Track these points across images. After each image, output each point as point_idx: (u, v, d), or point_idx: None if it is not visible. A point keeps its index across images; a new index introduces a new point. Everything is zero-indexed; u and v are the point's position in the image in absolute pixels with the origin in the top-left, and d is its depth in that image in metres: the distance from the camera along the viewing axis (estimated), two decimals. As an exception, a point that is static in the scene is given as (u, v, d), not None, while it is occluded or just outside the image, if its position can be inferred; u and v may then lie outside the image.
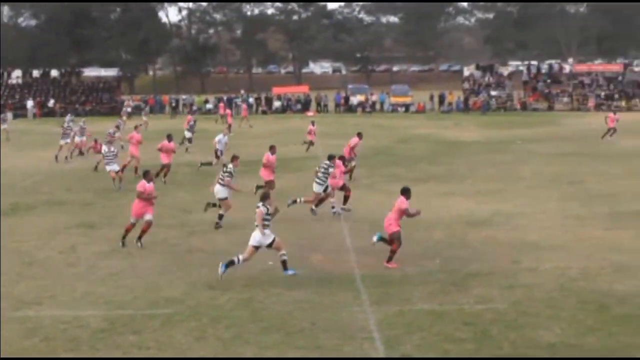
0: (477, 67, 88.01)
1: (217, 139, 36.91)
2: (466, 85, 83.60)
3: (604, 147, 44.85)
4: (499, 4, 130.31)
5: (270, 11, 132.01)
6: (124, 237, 21.09)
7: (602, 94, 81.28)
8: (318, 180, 25.13)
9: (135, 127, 38.89)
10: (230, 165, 23.94)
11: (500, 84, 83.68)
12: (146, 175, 21.59)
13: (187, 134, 45.18)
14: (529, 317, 15.05)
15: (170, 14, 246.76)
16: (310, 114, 75.55)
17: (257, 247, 17.77)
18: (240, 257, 17.72)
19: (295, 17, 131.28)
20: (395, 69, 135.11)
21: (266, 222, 17.75)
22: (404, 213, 18.93)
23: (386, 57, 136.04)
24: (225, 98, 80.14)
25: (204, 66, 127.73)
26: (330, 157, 25.66)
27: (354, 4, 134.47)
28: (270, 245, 17.83)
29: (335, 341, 13.94)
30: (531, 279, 17.62)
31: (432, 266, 18.83)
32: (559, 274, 17.99)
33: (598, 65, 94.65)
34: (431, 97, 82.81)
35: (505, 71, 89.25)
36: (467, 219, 24.41)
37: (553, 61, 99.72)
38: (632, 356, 13.17)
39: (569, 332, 14.24)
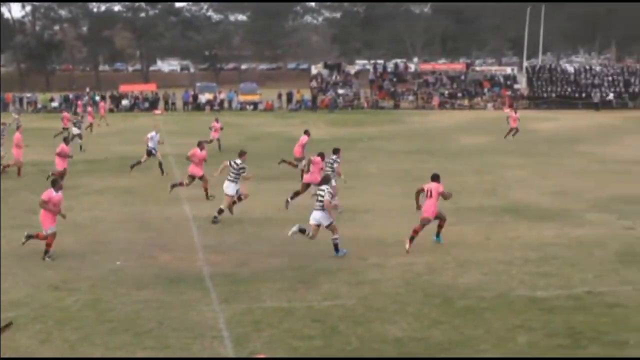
0: (325, 66, 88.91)
1: (149, 135, 35.81)
2: (314, 83, 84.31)
3: (447, 144, 46.15)
4: (346, 3, 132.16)
5: (117, 8, 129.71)
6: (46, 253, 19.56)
7: (446, 92, 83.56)
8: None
9: (17, 128, 37.64)
10: (239, 161, 24.00)
11: (348, 83, 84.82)
12: (55, 183, 19.83)
13: (75, 131, 43.86)
14: (376, 312, 15.33)
15: (14, 10, 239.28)
16: (158, 112, 74.65)
17: (318, 226, 19.77)
18: (310, 234, 19.93)
19: (142, 15, 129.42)
20: (243, 67, 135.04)
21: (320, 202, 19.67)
22: (441, 195, 20.39)
23: (234, 55, 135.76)
24: (71, 96, 78.23)
25: (49, 63, 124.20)
26: (336, 151, 26.58)
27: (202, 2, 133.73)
28: (327, 226, 19.70)
29: (184, 340, 13.84)
30: (378, 275, 17.95)
31: (280, 263, 18.94)
32: (404, 269, 18.40)
33: (442, 65, 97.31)
34: (279, 96, 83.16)
35: (352, 70, 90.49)
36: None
37: (399, 60, 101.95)
38: (475, 347, 13.59)
39: (415, 326, 14.59)
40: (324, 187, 20.05)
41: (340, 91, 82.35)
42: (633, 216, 24.36)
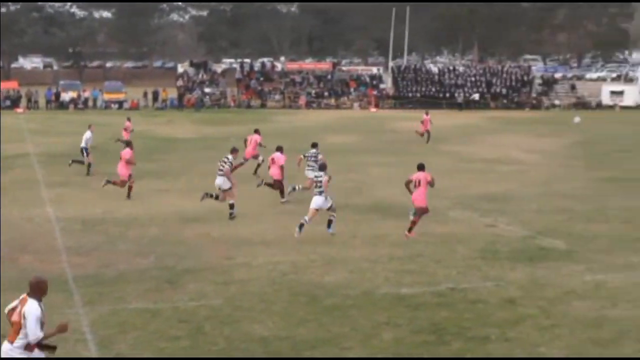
0: (191, 64, 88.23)
1: (84, 135, 34.75)
2: (180, 82, 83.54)
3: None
4: (212, 2, 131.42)
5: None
6: None
7: (313, 92, 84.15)
8: (309, 168, 27.56)
9: None
10: (230, 157, 24.79)
11: (214, 81, 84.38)
12: None
13: None
14: (243, 311, 15.29)
15: None
16: (20, 110, 72.39)
17: (317, 210, 21.63)
18: (306, 218, 21.33)
19: (3, 10, 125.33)
20: (108, 65, 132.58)
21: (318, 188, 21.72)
22: (430, 183, 21.77)
23: (99, 52, 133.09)
24: None
25: None
26: (315, 145, 28.69)
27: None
28: (328, 209, 21.75)
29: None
30: (245, 274, 17.91)
31: (146, 264, 18.68)
32: (271, 268, 18.41)
33: (309, 64, 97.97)
34: (145, 94, 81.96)
35: (219, 68, 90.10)
36: (182, 216, 24.44)
37: (266, 59, 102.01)
38: (341, 345, 13.71)
39: (281, 325, 14.61)
40: (321, 173, 22.07)
41: (207, 90, 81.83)
42: (494, 214, 25.07)
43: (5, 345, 10.31)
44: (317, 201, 21.81)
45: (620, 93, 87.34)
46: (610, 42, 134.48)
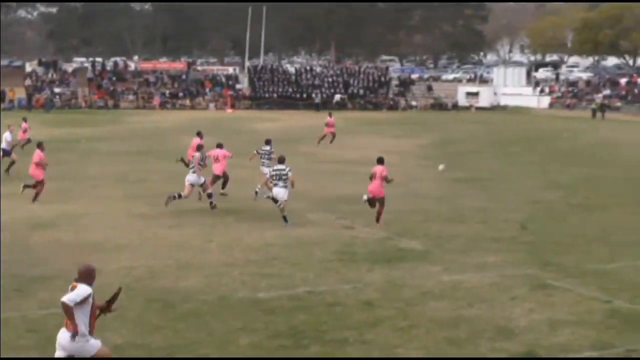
0: (40, 63, 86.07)
1: (3, 136, 34.46)
2: (28, 81, 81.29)
3: (168, 144, 45.96)
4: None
5: None
6: None
7: (167, 92, 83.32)
8: (263, 164, 29.43)
9: None
10: (198, 154, 26.30)
11: (65, 81, 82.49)
12: None
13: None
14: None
15: None
16: None
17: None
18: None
19: None
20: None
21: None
22: (385, 179, 23.59)
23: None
24: None
25: None
26: (268, 142, 30.24)
27: None
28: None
29: None
30: (97, 281, 17.43)
31: (-9, 272, 18.05)
32: (124, 273, 18.11)
33: (163, 63, 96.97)
34: (-10, 94, 79.39)
35: (69, 68, 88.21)
36: (31, 221, 23.76)
37: (118, 58, 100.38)
38: (196, 351, 13.60)
39: (136, 332, 14.40)
40: (283, 166, 23.68)
41: (57, 90, 79.93)
42: (352, 215, 25.37)
43: (65, 333, 11.12)
44: (278, 193, 23.54)
45: (476, 94, 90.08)
46: (465, 43, 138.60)
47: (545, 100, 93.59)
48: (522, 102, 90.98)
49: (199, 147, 27.18)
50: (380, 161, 24.29)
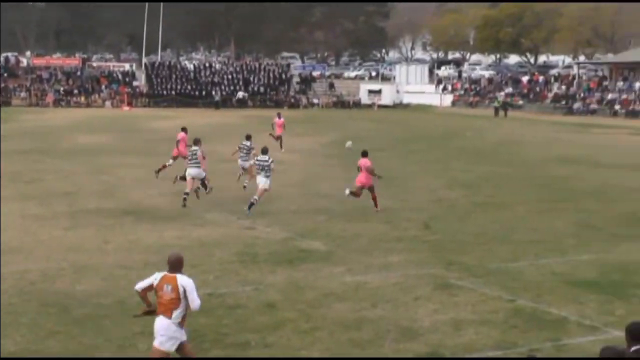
0: None
1: None
2: None
3: (63, 143, 45.26)
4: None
5: None
6: None
7: (61, 89, 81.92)
8: (242, 158, 31.13)
9: None
10: (195, 147, 27.52)
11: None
12: None
13: None
14: (-14, 326, 14.63)
15: None
16: None
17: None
18: (256, 197, 25.65)
19: None
20: None
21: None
22: (371, 170, 26.39)
23: None
24: None
25: None
26: (248, 137, 31.94)
27: None
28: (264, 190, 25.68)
29: None
30: (-13, 285, 17.14)
31: None
32: (18, 277, 17.74)
33: (57, 59, 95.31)
34: None
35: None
36: None
37: (9, 54, 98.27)
38: (94, 356, 13.42)
39: (30, 338, 14.12)
40: (266, 157, 25.79)
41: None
42: (253, 215, 25.35)
43: (164, 320, 11.59)
44: (261, 180, 25.69)
45: (378, 92, 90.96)
46: (367, 40, 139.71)
47: (448, 98, 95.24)
48: (424, 100, 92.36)
49: (197, 142, 28.02)
50: (364, 154, 26.94)
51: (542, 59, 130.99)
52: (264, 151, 26.25)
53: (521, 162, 40.58)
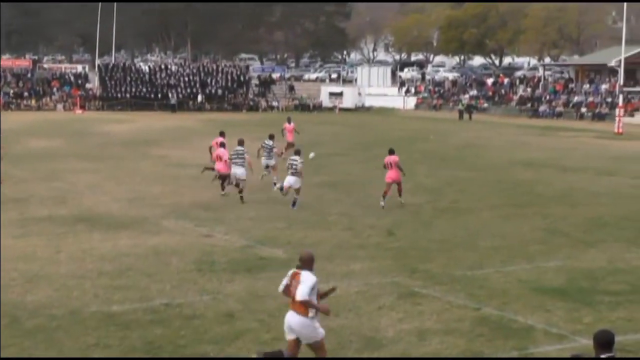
0: None
1: None
2: None
3: (13, 148, 44.80)
4: None
5: None
6: None
7: (11, 91, 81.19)
8: (267, 156, 33.82)
9: None
10: (241, 148, 30.34)
11: None
12: None
13: None
14: None
15: None
16: None
17: (290, 187, 28.45)
18: (280, 185, 29.31)
19: None
20: None
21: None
22: (397, 165, 29.07)
23: None
24: None
25: None
26: (271, 137, 34.41)
27: None
28: (297, 189, 28.53)
29: None
30: None
31: None
32: (-35, 289, 17.55)
33: (6, 61, 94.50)
34: None
35: None
36: None
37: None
38: (93, 356, 13.32)
39: (-23, 352, 13.97)
40: (296, 157, 28.74)
41: None
42: (211, 223, 25.29)
43: (298, 318, 12.37)
44: (289, 180, 28.33)
45: (340, 94, 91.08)
46: (328, 41, 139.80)
47: (412, 101, 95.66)
48: (387, 103, 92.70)
49: (241, 142, 30.69)
50: (392, 152, 29.52)
51: (507, 60, 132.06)
52: (297, 152, 29.63)
53: (486, 166, 40.83)
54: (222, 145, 31.74)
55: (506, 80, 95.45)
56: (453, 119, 76.07)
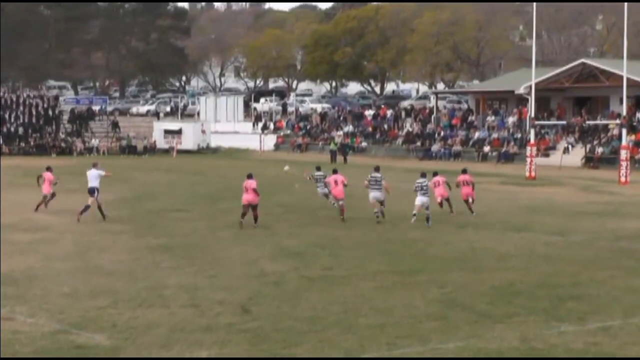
0: None
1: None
2: None
3: None
4: None
5: None
6: None
7: None
8: (320, 186, 46.15)
9: None
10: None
11: None
12: None
13: None
14: None
15: None
16: None
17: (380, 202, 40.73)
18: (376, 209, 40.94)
19: None
20: None
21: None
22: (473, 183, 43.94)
23: None
24: None
25: None
26: (319, 168, 47.55)
27: None
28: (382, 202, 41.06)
29: None
30: None
31: None
32: None
33: None
34: None
35: None
36: None
37: None
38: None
39: None
40: (378, 174, 41.06)
41: None
42: (11, 301, 24.79)
43: None
44: (375, 194, 40.68)
45: (178, 132, 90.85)
46: (162, 64, 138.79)
47: (270, 140, 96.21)
48: (239, 143, 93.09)
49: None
50: (465, 171, 45.67)
51: (390, 87, 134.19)
52: (377, 169, 42.34)
53: (365, 222, 41.19)
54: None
55: (389, 113, 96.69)
56: (324, 162, 76.61)
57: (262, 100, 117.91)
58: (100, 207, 41.24)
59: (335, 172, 43.55)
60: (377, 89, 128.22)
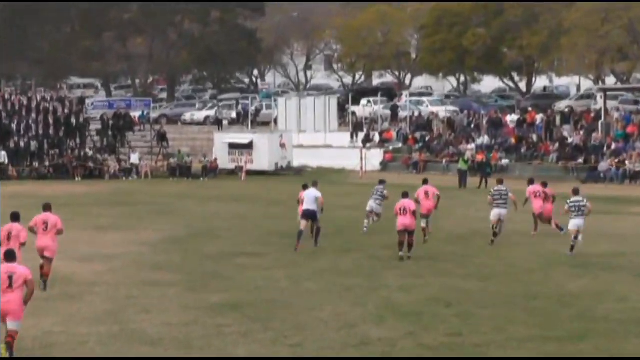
0: None
1: None
2: None
3: None
4: None
5: None
6: None
7: None
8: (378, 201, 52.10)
9: None
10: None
11: None
12: None
13: None
14: None
15: None
16: None
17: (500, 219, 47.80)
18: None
19: None
20: None
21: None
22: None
23: None
24: None
25: None
26: (382, 182, 53.15)
27: None
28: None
29: None
30: None
31: None
32: None
33: None
34: None
35: None
36: None
37: None
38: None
39: None
40: (503, 187, 47.24)
41: None
42: None
43: None
44: (501, 212, 46.75)
45: (247, 147, 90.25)
46: (227, 54, 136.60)
47: (375, 157, 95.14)
48: (332, 161, 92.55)
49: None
50: (545, 185, 50.38)
51: (540, 82, 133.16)
52: (500, 182, 48.78)
53: (507, 268, 40.95)
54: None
55: (539, 118, 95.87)
56: (450, 188, 75.95)
57: (363, 102, 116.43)
58: None
59: (425, 182, 50.00)
60: (522, 86, 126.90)
